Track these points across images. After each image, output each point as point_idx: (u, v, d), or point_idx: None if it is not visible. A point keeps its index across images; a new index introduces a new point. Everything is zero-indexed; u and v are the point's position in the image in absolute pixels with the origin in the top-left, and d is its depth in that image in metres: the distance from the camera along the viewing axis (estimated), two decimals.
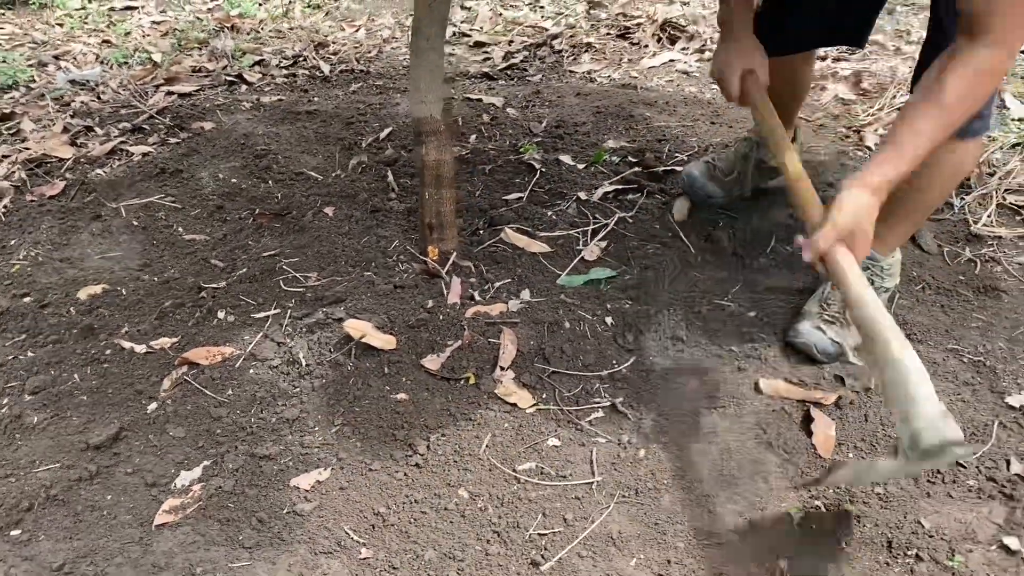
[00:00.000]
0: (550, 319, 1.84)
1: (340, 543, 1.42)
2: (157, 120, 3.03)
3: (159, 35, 4.11)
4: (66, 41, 4.00)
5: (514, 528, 1.45)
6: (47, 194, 2.56)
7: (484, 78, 3.45)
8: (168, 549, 1.42)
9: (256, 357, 1.81)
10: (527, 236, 2.14)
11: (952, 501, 1.45)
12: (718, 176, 2.19)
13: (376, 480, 1.54)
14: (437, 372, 1.73)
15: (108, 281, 2.12)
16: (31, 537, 1.46)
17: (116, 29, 4.19)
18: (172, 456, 1.60)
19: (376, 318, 1.83)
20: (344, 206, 2.36)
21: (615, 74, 3.40)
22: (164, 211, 2.45)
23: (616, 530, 1.44)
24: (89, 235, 2.35)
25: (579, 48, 3.64)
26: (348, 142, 2.81)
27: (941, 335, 1.84)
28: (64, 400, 1.74)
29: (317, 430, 1.64)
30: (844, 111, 2.89)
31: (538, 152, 2.59)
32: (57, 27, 4.22)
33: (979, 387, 1.71)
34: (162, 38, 4.05)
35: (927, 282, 2.00)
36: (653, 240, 2.14)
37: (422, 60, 1.88)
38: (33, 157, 2.75)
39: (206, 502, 1.50)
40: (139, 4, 4.62)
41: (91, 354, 1.86)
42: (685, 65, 3.41)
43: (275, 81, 3.47)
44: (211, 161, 2.71)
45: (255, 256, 2.17)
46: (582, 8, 4.13)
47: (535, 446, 1.60)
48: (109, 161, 2.78)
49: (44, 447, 1.63)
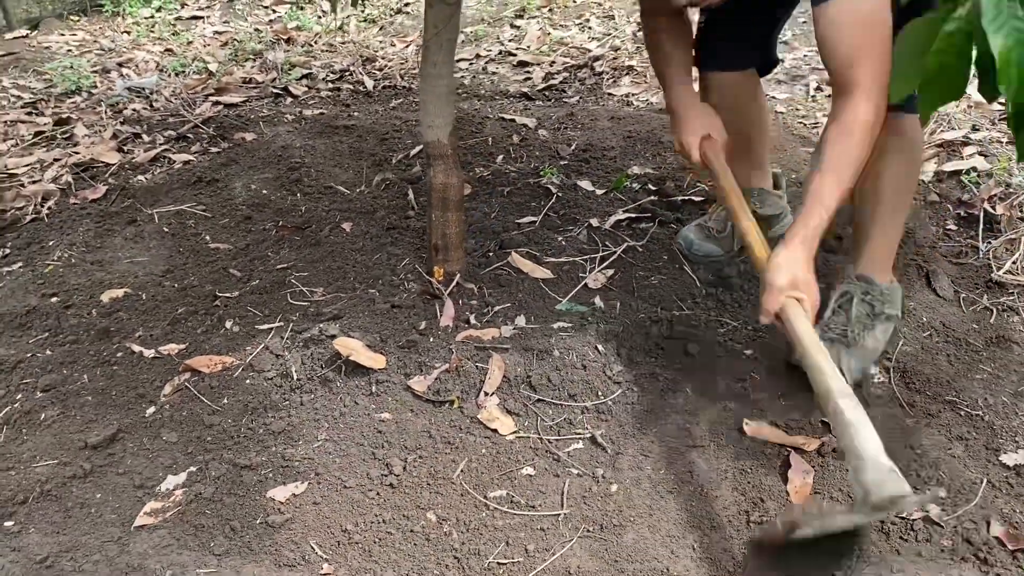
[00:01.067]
0: (541, 347, 1.86)
1: (304, 557, 1.47)
2: (201, 129, 3.16)
3: (218, 45, 4.27)
4: (131, 49, 4.19)
5: (474, 555, 1.47)
6: (89, 198, 2.69)
7: (522, 98, 3.48)
8: (143, 551, 1.49)
9: (254, 368, 1.87)
10: (532, 261, 2.16)
11: (921, 561, 1.41)
12: (713, 235, 2.19)
13: (349, 497, 1.57)
14: (423, 394, 1.76)
15: (131, 285, 2.22)
16: (22, 529, 1.54)
17: (179, 38, 4.37)
18: (162, 460, 1.67)
19: (369, 336, 1.87)
20: (362, 222, 2.41)
21: (653, 98, 3.40)
22: (195, 219, 2.55)
23: (575, 564, 1.44)
24: (122, 239, 2.46)
25: (620, 71, 3.65)
26: (379, 158, 2.88)
27: (941, 386, 1.78)
28: (71, 399, 1.83)
29: (300, 444, 1.68)
30: None
31: (558, 176, 2.61)
32: (125, 35, 4.43)
33: (973, 442, 1.65)
34: (221, 48, 4.21)
35: (936, 329, 1.94)
36: (659, 272, 2.14)
37: (429, 85, 1.92)
38: (81, 161, 2.89)
39: (185, 507, 1.57)
40: (205, 14, 4.80)
41: (103, 356, 1.95)
42: None
43: (319, 95, 3.57)
44: (247, 172, 2.81)
45: (270, 268, 2.25)
46: (631, 30, 4.13)
47: (509, 474, 1.62)
48: (152, 168, 2.90)
49: (46, 443, 1.72)
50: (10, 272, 2.32)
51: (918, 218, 2.36)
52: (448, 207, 2.04)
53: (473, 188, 2.58)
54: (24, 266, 2.34)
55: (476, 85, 3.63)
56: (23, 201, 2.67)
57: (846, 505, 1.51)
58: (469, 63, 3.95)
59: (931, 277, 2.09)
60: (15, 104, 3.50)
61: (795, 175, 2.60)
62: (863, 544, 1.38)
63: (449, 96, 1.95)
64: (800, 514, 1.29)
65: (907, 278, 2.10)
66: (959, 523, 1.48)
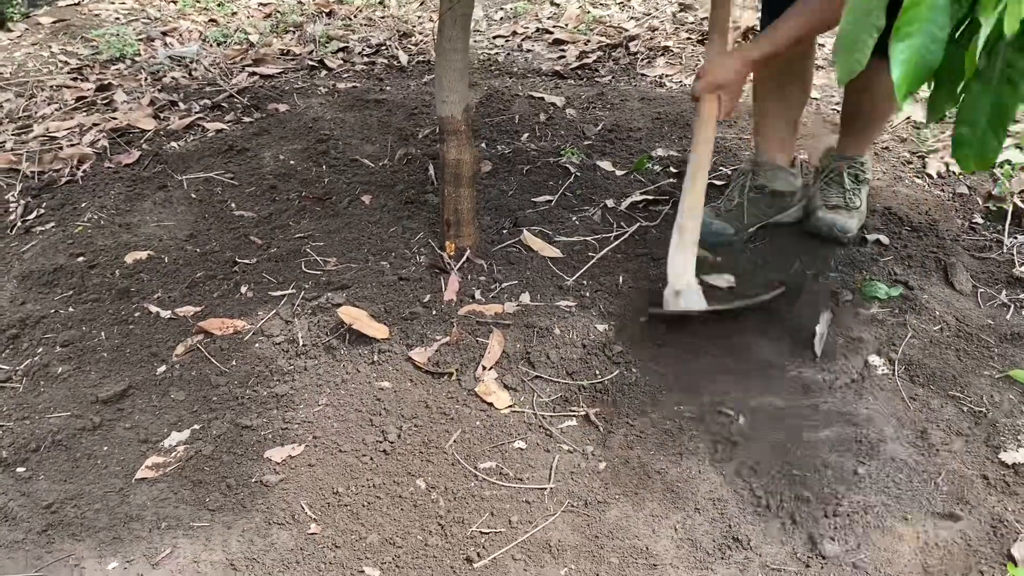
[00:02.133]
0: (543, 324, 1.87)
1: (294, 516, 1.51)
2: (236, 99, 3.22)
3: (261, 17, 4.33)
4: (176, 18, 4.27)
5: (458, 523, 1.50)
6: (123, 162, 2.77)
7: (554, 76, 3.47)
8: (142, 502, 1.55)
9: (264, 333, 1.92)
10: (544, 240, 2.17)
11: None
12: (723, 214, 2.20)
13: (343, 461, 1.61)
14: (423, 365, 1.79)
15: (155, 248, 2.29)
16: (32, 475, 1.62)
17: (224, 9, 4.44)
18: (168, 417, 1.73)
19: (374, 307, 1.91)
20: (381, 195, 2.45)
21: (687, 79, 3.36)
22: (222, 187, 2.61)
23: (556, 538, 1.46)
24: (151, 204, 2.53)
25: (655, 51, 3.61)
26: (406, 133, 2.91)
27: (946, 380, 1.75)
28: (87, 355, 1.90)
29: (301, 407, 1.73)
30: (912, 135, 2.77)
31: (578, 156, 2.61)
32: (171, 4, 4.51)
33: (973, 439, 1.63)
34: (263, 20, 4.27)
35: (948, 323, 1.91)
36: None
37: (445, 60, 1.94)
38: (118, 127, 2.97)
39: (185, 463, 1.62)
40: None
41: (121, 315, 2.02)
42: None
43: (354, 68, 3.60)
44: (276, 142, 2.86)
45: (289, 237, 2.29)
46: (671, 10, 4.08)
47: (501, 447, 1.64)
48: (185, 135, 2.97)
49: (61, 396, 1.79)
50: (43, 231, 2.41)
51: (943, 210, 2.31)
52: (461, 183, 2.06)
53: (493, 165, 2.59)
54: (56, 226, 2.42)
55: (510, 62, 3.63)
56: (60, 164, 2.76)
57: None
58: (505, 40, 3.95)
59: (949, 270, 2.05)
60: (62, 69, 3.61)
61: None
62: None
63: (463, 71, 1.96)
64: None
65: (924, 270, 2.06)
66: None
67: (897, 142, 2.75)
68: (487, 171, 2.56)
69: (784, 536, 1.46)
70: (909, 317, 1.90)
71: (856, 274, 2.03)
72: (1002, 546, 1.42)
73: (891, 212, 2.28)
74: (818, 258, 2.10)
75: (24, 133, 3.01)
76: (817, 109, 2.98)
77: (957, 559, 1.41)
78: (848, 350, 1.82)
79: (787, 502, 1.51)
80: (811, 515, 1.48)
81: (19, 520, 1.52)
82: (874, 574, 1.38)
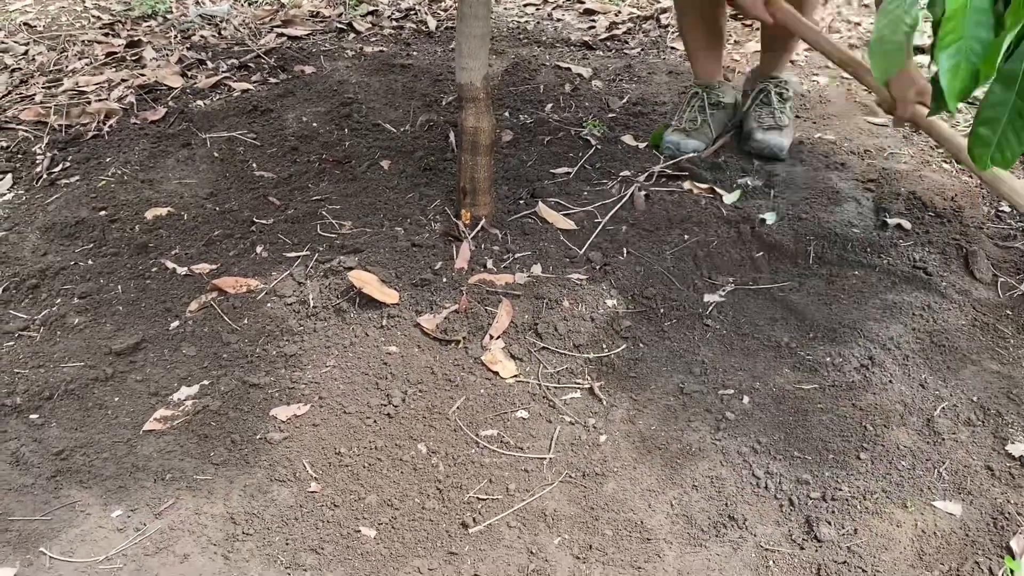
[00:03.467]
0: (552, 296, 1.87)
1: (296, 474, 1.54)
2: (263, 60, 3.22)
3: None
4: None
5: (456, 488, 1.51)
6: (149, 119, 2.79)
7: (583, 47, 3.43)
8: (148, 453, 1.58)
9: (276, 293, 1.94)
10: (560, 212, 2.16)
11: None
12: (692, 132, 2.45)
13: (347, 422, 1.63)
14: (431, 331, 1.80)
15: (175, 205, 2.31)
16: (45, 423, 1.66)
17: None
18: (178, 371, 1.76)
19: (385, 272, 1.91)
20: (401, 161, 2.45)
21: None
22: (244, 146, 2.62)
23: (552, 508, 1.48)
24: (174, 161, 2.55)
25: None
26: (429, 99, 2.90)
27: (957, 369, 1.73)
28: (103, 307, 1.93)
29: (309, 368, 1.75)
30: (945, 119, 2.70)
31: (600, 129, 2.58)
32: None
33: (980, 429, 1.61)
34: None
35: (964, 311, 1.87)
36: (684, 223, 2.11)
37: (465, 26, 1.92)
38: (146, 84, 3.00)
39: (192, 417, 1.65)
40: None
41: (138, 270, 2.05)
42: (792, 53, 3.26)
43: (382, 32, 3.59)
44: (300, 104, 2.87)
45: (308, 199, 2.30)
46: None
47: (503, 415, 1.65)
48: (211, 94, 2.99)
49: (76, 346, 1.83)
50: (67, 184, 2.44)
51: (969, 196, 2.26)
52: (478, 151, 2.05)
53: (514, 135, 2.58)
54: (80, 179, 2.46)
55: (539, 31, 3.59)
56: (87, 118, 2.79)
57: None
58: (536, 8, 3.91)
59: (970, 258, 2.01)
60: (94, 24, 3.63)
61: (848, 143, 2.52)
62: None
63: (484, 38, 1.94)
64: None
65: (944, 257, 2.02)
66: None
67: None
68: (507, 140, 2.54)
69: (780, 517, 1.46)
70: (925, 303, 1.87)
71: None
72: (1001, 538, 1.41)
73: (915, 197, 2.24)
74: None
75: (54, 86, 3.05)
76: (848, 89, 2.92)
77: (954, 548, 1.39)
78: (857, 334, 1.80)
79: (786, 484, 1.50)
80: (809, 498, 1.48)
81: (30, 465, 1.57)
82: (868, 559, 1.37)
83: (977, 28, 1.10)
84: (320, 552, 1.41)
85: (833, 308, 1.89)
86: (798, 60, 3.17)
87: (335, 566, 1.39)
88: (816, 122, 2.69)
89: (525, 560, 1.39)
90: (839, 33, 3.41)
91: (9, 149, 2.66)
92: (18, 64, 3.27)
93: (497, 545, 1.42)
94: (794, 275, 2.00)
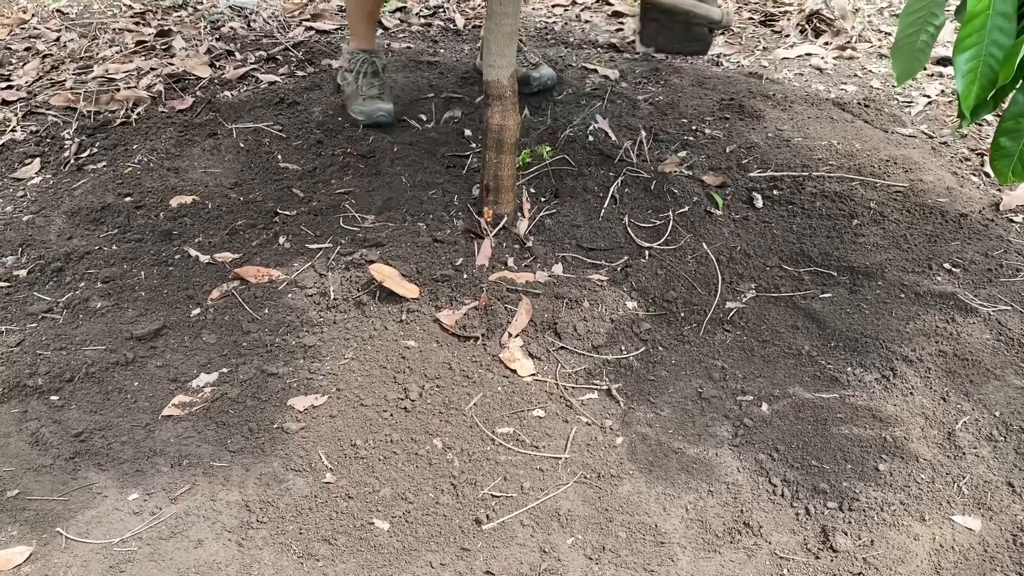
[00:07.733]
0: (573, 296, 1.86)
1: (311, 464, 1.54)
2: (291, 52, 3.24)
3: None
4: None
5: (471, 484, 1.51)
6: (176, 108, 2.81)
7: (611, 49, 3.42)
8: (166, 439, 1.59)
9: (297, 284, 1.94)
10: (580, 212, 2.15)
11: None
12: (370, 97, 2.65)
13: (363, 415, 1.64)
14: (450, 327, 1.80)
15: (200, 194, 2.33)
16: (65, 404, 1.67)
17: None
18: (198, 358, 1.77)
19: (406, 266, 1.92)
20: (424, 157, 2.45)
21: (744, 60, 3.29)
22: (270, 138, 2.63)
23: (566, 508, 1.47)
24: (200, 150, 2.57)
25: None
26: (455, 96, 2.90)
27: (981, 385, 1.71)
28: (126, 293, 1.95)
29: (328, 359, 1.75)
30: (973, 132, 2.68)
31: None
32: None
33: (1003, 445, 1.59)
34: None
35: (991, 328, 1.85)
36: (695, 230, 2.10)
37: (494, 23, 1.92)
38: (174, 73, 3.02)
39: (211, 404, 1.66)
40: None
41: (162, 256, 2.06)
42: (821, 60, 3.24)
43: (410, 28, 3.60)
44: (327, 98, 2.87)
45: (331, 192, 2.31)
46: None
47: (520, 413, 1.65)
48: (239, 85, 3.00)
49: (98, 330, 1.84)
50: (95, 170, 2.46)
51: (997, 209, 2.23)
52: (503, 149, 2.05)
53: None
54: (107, 166, 2.48)
55: (566, 32, 3.59)
56: (116, 105, 2.81)
57: None
58: (564, 9, 3.90)
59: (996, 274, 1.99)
60: (125, 13, 3.66)
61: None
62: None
63: (512, 36, 1.94)
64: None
65: (969, 273, 2.00)
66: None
67: (956, 137, 2.66)
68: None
69: (796, 525, 1.45)
70: (952, 319, 1.85)
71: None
72: (1021, 555, 1.39)
73: (943, 211, 2.21)
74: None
75: (84, 73, 3.08)
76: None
77: (972, 564, 1.38)
78: (879, 344, 1.78)
79: (803, 492, 1.49)
80: (826, 507, 1.46)
81: (49, 446, 1.58)
82: (884, 571, 1.36)
83: (999, 32, 1.07)
84: (333, 543, 1.41)
85: (855, 318, 1.87)
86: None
87: (348, 557, 1.39)
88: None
89: (537, 559, 1.39)
90: (869, 43, 3.38)
91: (38, 134, 2.68)
92: (50, 50, 3.31)
93: (510, 543, 1.41)
94: (816, 283, 1.98)
